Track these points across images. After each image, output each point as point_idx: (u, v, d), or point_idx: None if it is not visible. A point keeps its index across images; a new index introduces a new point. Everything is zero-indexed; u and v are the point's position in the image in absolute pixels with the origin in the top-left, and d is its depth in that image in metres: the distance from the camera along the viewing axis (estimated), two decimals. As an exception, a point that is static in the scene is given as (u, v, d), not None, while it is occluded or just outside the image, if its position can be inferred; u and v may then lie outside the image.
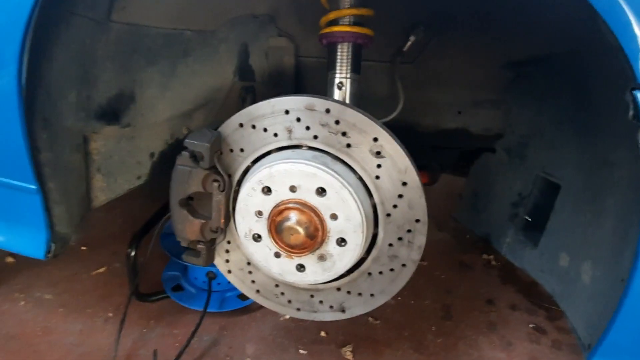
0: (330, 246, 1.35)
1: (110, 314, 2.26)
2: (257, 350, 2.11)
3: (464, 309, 2.58)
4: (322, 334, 2.25)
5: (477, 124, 2.05)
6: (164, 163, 2.09)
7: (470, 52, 1.88)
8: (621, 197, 1.37)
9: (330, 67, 1.63)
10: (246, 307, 2.32)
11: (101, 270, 2.59)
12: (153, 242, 2.16)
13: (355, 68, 1.62)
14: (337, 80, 1.62)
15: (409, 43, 1.80)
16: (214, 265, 2.16)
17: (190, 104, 2.09)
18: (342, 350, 2.15)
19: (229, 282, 2.29)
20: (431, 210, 1.45)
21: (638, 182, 1.24)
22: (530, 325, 2.50)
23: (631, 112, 0.96)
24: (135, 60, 1.74)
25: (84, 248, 2.80)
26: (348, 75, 1.61)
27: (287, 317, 2.35)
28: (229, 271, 1.63)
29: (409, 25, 1.81)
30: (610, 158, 1.44)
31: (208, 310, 2.16)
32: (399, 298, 2.58)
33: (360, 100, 1.64)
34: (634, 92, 0.94)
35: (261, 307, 2.38)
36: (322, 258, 1.37)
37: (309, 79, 2.13)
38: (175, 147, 2.14)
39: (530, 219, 1.90)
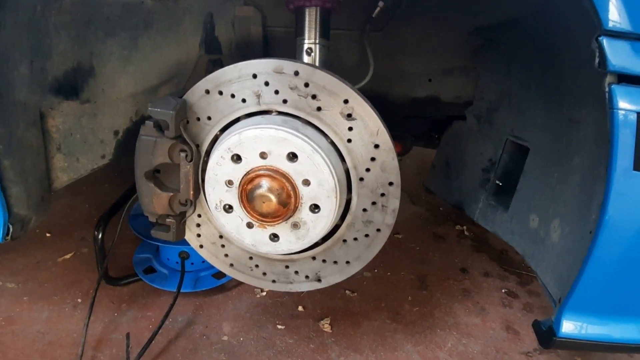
0: (304, 213, 1.33)
1: (79, 300, 2.18)
2: (234, 328, 2.09)
3: (438, 278, 2.63)
4: (300, 308, 2.24)
5: (448, 91, 2.05)
6: (130, 141, 2.01)
7: (438, 19, 1.87)
8: (586, 154, 1.40)
9: (299, 32, 1.59)
10: (221, 286, 2.29)
11: (68, 256, 2.50)
12: (121, 224, 2.10)
13: (324, 33, 1.59)
14: (305, 46, 1.58)
15: (378, 9, 1.77)
16: (186, 244, 2.13)
17: (155, 78, 2.01)
18: (320, 323, 2.15)
19: (203, 262, 2.27)
20: (404, 185, 1.45)
21: (603, 137, 1.26)
22: (503, 291, 2.57)
23: (597, 60, 0.97)
24: (92, 31, 1.65)
25: (48, 235, 2.68)
26: (317, 41, 1.58)
27: (264, 294, 2.33)
28: (201, 246, 1.59)
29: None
30: (575, 117, 1.47)
31: (182, 290, 2.11)
32: (375, 270, 2.60)
33: (330, 68, 1.60)
34: (600, 38, 0.94)
35: (237, 285, 2.37)
36: (295, 226, 1.35)
37: (278, 50, 2.08)
38: (140, 125, 2.06)
39: (500, 184, 1.93)
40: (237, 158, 1.30)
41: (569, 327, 1.24)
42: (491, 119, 1.93)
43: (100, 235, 2.05)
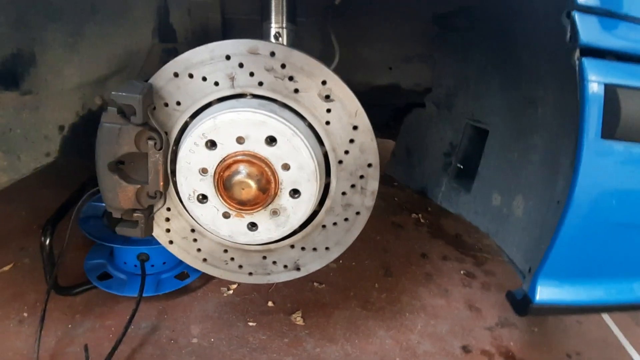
0: (284, 199, 1.29)
1: (25, 314, 1.97)
2: (203, 329, 1.99)
3: (401, 264, 2.69)
4: (270, 304, 2.19)
5: (408, 79, 2.10)
6: (76, 137, 1.86)
7: (397, 6, 1.91)
8: (546, 131, 1.49)
9: (265, 17, 1.55)
10: (185, 288, 2.18)
11: (6, 268, 2.25)
12: (70, 227, 1.93)
13: (291, 18, 1.55)
14: (273, 31, 1.54)
15: (340, -5, 1.77)
16: (145, 244, 2.00)
17: (103, 69, 1.87)
18: (292, 317, 2.12)
19: (163, 263, 2.16)
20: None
21: (564, 112, 1.34)
22: (462, 272, 2.68)
23: (568, 35, 1.02)
24: (33, 15, 1.51)
25: (-19, 247, 2.41)
26: (284, 25, 1.54)
27: (231, 292, 2.25)
28: (171, 242, 1.49)
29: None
30: (533, 96, 1.55)
31: (143, 295, 1.98)
32: (340, 261, 2.60)
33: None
34: (572, 13, 1.00)
35: (201, 285, 2.27)
36: (275, 213, 1.31)
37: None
38: (88, 120, 1.91)
39: (462, 167, 2.00)
40: (211, 144, 1.23)
41: (544, 293, 1.30)
42: (450, 104, 2.00)
43: (47, 241, 1.87)
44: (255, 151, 1.23)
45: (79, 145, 1.93)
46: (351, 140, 1.32)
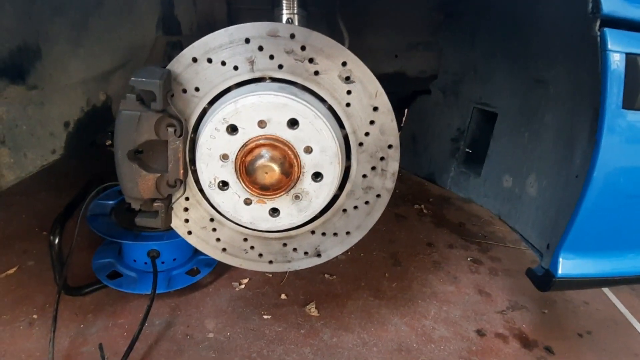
0: (306, 183, 1.28)
1: (35, 316, 1.93)
2: (218, 324, 1.97)
3: (409, 254, 2.69)
4: (283, 296, 2.18)
5: (413, 66, 2.11)
6: (81, 134, 1.83)
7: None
8: (559, 110, 1.50)
9: (276, 4, 1.54)
10: (196, 284, 2.15)
11: (11, 271, 2.20)
12: (79, 225, 1.89)
13: (302, 4, 1.55)
14: (285, 17, 1.53)
15: (347, -17, 1.77)
16: (155, 240, 1.98)
17: (108, 63, 1.84)
18: (307, 308, 2.11)
19: (174, 260, 2.13)
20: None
21: (579, 89, 1.36)
22: (468, 259, 2.69)
23: (590, 5, 1.04)
24: (38, 7, 1.48)
25: (-18, 251, 2.36)
26: (295, 11, 1.54)
27: (242, 286, 2.23)
28: (190, 232, 1.47)
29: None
30: (544, 77, 1.57)
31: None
32: (349, 253, 2.60)
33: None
34: (595, -17, 1.01)
35: (212, 281, 2.25)
36: (297, 198, 1.30)
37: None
38: (93, 116, 1.89)
39: (470, 151, 2.01)
40: (232, 129, 1.22)
41: (566, 267, 1.32)
42: (457, 90, 2.01)
43: (57, 240, 1.83)
44: (277, 134, 1.23)
45: (83, 142, 1.90)
46: (372, 122, 1.32)
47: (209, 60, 1.24)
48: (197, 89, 1.28)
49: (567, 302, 2.38)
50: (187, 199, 1.42)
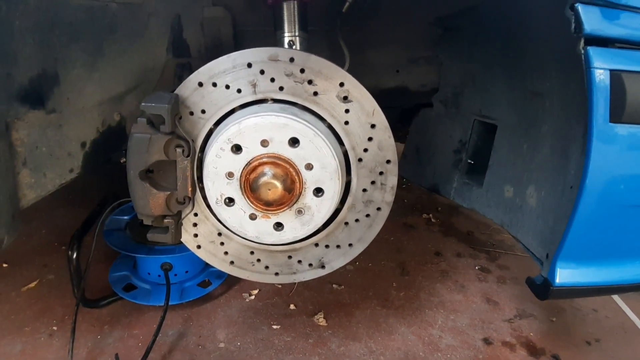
0: (308, 198, 1.34)
1: (55, 328, 2.02)
2: (229, 334, 2.03)
3: (416, 263, 2.72)
4: (292, 307, 2.23)
5: (414, 80, 2.16)
6: (98, 153, 1.92)
7: (401, 10, 1.98)
8: (554, 121, 1.54)
9: (278, 27, 1.62)
10: (208, 295, 2.22)
11: (32, 285, 2.30)
12: (95, 240, 1.98)
13: (303, 26, 1.62)
14: (287, 39, 1.61)
15: (347, 4, 1.83)
16: (172, 253, 2.05)
17: (121, 86, 1.94)
18: (315, 318, 2.16)
19: (186, 272, 2.21)
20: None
21: (570, 101, 1.40)
22: (476, 268, 2.71)
23: (573, 26, 1.09)
24: (56, 36, 1.57)
25: (5, 265, 2.46)
26: (297, 34, 1.61)
27: (252, 297, 2.29)
28: (199, 246, 1.54)
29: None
30: (539, 89, 1.61)
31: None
32: (357, 263, 2.65)
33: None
34: (576, 5, 1.06)
35: (223, 292, 2.31)
36: (300, 212, 1.36)
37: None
38: (108, 136, 1.98)
39: (472, 162, 2.05)
40: (237, 148, 1.29)
41: (563, 276, 1.35)
42: (458, 103, 2.06)
43: (75, 255, 1.92)
44: (279, 153, 1.29)
45: (99, 160, 1.99)
46: (369, 139, 1.38)
47: (214, 84, 1.32)
48: (203, 111, 1.35)
49: (575, 310, 2.38)
50: (195, 214, 1.49)
